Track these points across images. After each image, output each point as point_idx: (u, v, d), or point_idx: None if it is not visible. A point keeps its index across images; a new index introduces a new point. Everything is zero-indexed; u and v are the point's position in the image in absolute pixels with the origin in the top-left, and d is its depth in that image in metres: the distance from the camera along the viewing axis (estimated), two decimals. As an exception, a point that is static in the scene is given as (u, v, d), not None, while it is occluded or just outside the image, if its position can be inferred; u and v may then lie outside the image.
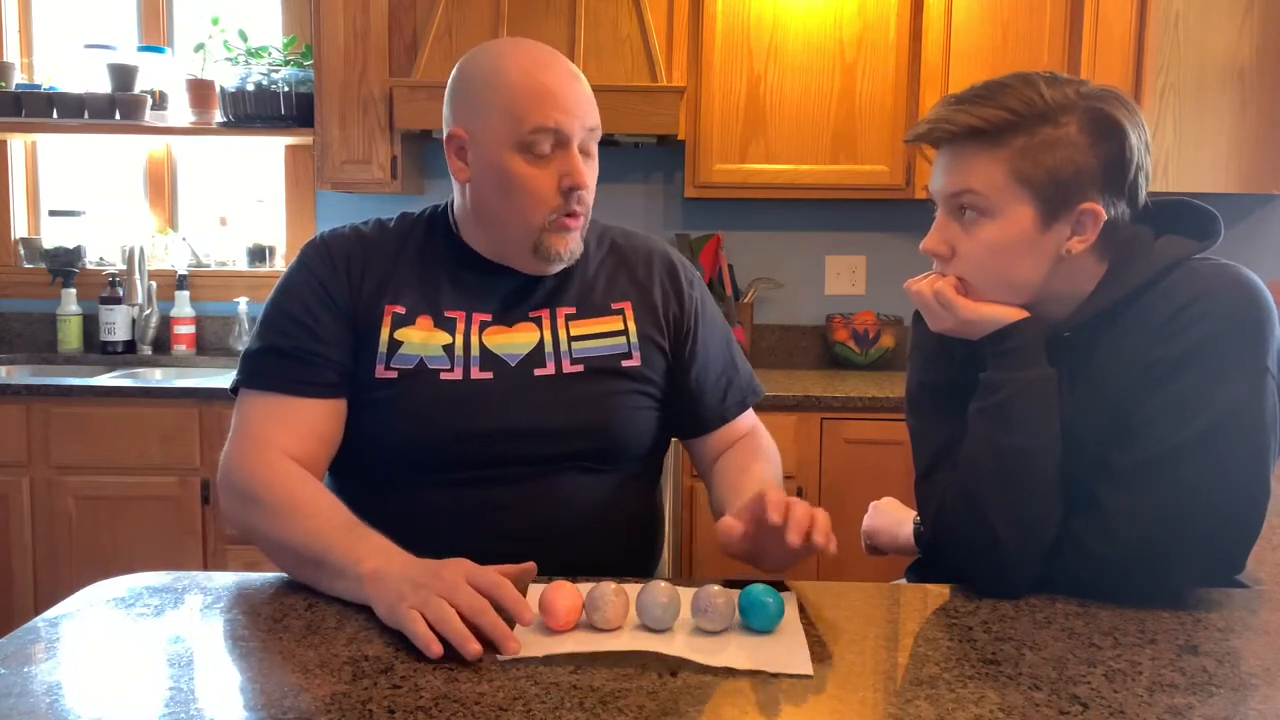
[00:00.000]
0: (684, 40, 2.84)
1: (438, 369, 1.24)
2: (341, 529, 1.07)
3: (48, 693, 0.83)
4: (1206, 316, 1.05)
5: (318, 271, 1.27)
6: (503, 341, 1.27)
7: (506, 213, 1.24)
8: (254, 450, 1.18)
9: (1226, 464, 1.03)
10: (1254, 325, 1.05)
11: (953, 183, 1.10)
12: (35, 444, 2.62)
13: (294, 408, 1.22)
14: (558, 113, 1.20)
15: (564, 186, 1.22)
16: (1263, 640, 0.99)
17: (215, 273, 3.28)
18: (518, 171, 1.21)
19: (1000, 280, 1.11)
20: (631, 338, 1.32)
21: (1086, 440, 1.10)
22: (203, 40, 3.07)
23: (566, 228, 1.24)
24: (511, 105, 1.20)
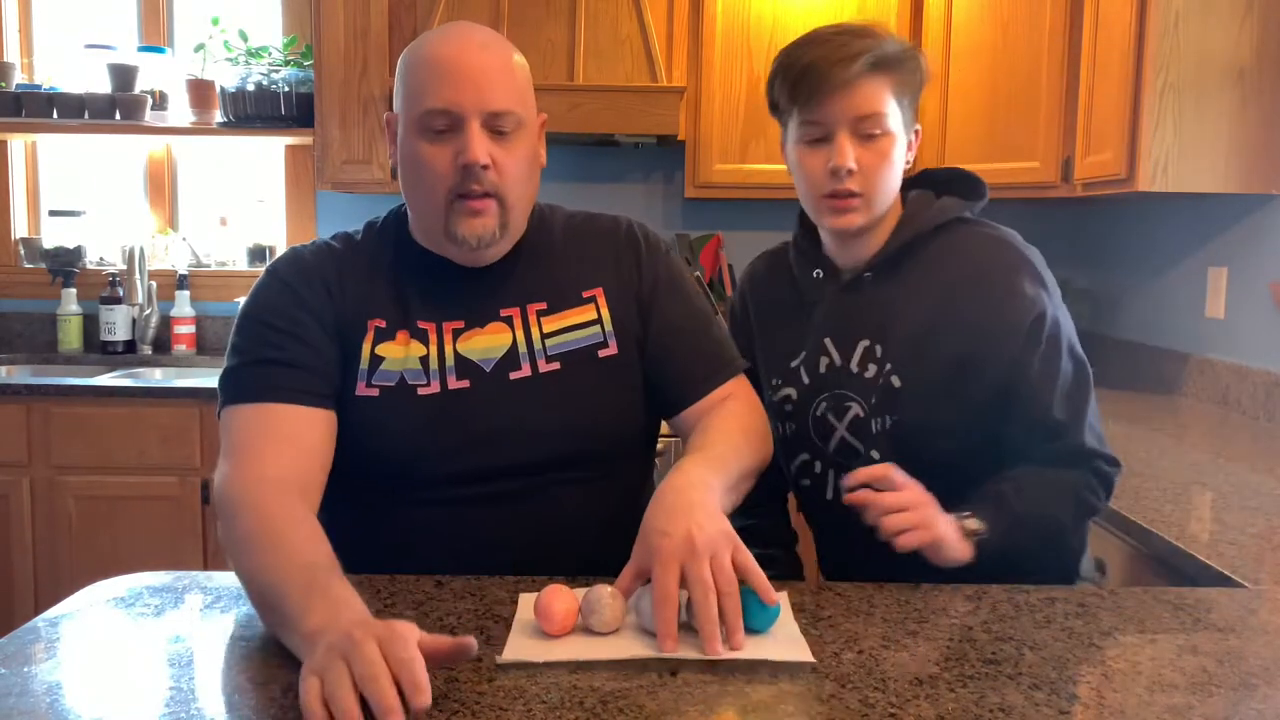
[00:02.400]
0: (684, 40, 2.84)
1: (415, 384, 1.19)
2: (304, 572, 0.93)
3: (48, 693, 0.83)
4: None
5: (294, 285, 1.21)
6: (476, 346, 1.22)
7: (417, 195, 1.20)
8: (246, 469, 1.09)
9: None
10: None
11: (862, 106, 1.27)
12: (35, 444, 2.62)
13: (286, 419, 1.14)
14: (448, 91, 1.14)
15: (459, 163, 1.14)
16: (1263, 640, 0.99)
17: (215, 273, 3.29)
18: (418, 150, 1.17)
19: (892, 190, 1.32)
20: (606, 325, 1.25)
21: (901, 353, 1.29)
22: (203, 40, 3.07)
23: (472, 210, 1.17)
24: (412, 85, 1.17)
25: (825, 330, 1.35)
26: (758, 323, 1.46)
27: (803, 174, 1.31)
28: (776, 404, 1.39)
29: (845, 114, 1.27)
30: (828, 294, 1.36)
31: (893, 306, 1.31)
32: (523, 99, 1.19)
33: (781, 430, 1.39)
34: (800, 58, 1.32)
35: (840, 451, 1.33)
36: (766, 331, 1.44)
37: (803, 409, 1.36)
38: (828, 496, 1.35)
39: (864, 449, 1.30)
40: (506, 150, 1.17)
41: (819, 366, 1.35)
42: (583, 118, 2.66)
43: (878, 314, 1.32)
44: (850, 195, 1.27)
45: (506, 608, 1.03)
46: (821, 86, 1.28)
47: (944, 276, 1.29)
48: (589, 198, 3.13)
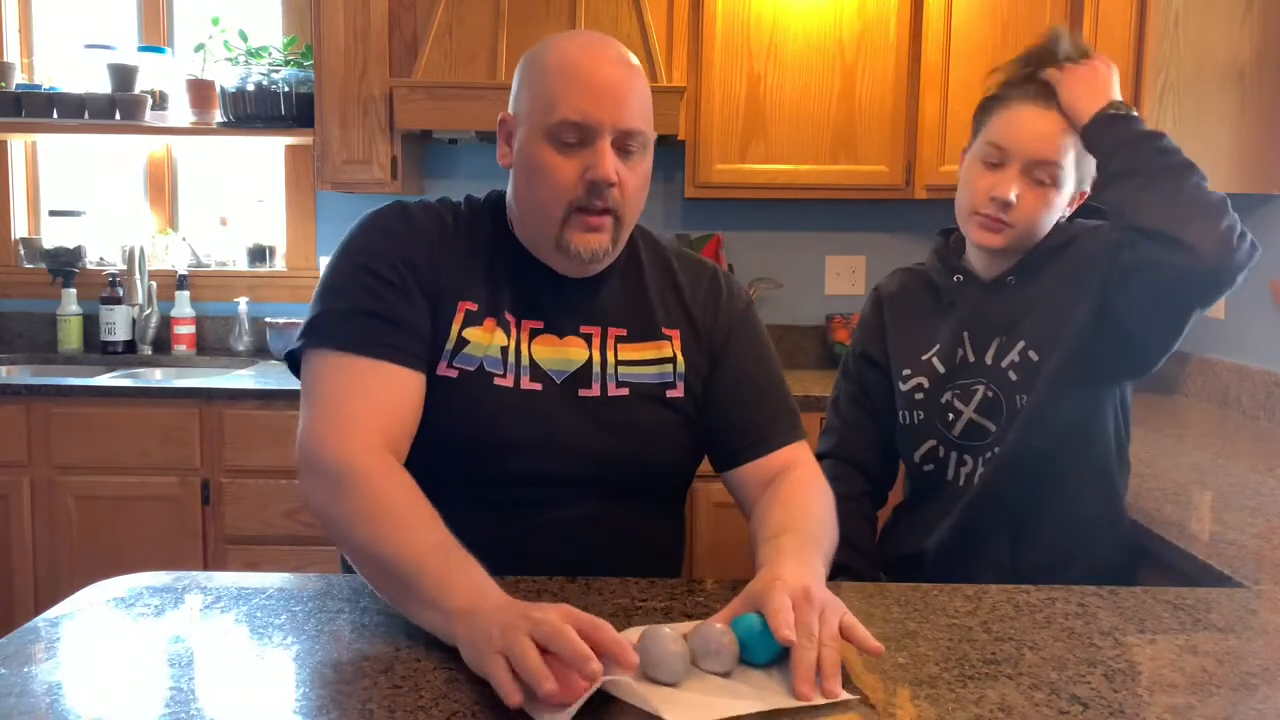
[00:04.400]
0: (684, 40, 2.84)
1: (493, 373, 1.19)
2: (438, 551, 0.95)
3: (48, 693, 0.83)
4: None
5: (403, 238, 1.19)
6: (551, 355, 1.21)
7: (532, 201, 1.19)
8: (345, 428, 1.07)
9: None
10: None
11: (1045, 152, 1.36)
12: (35, 444, 2.62)
13: (388, 379, 1.12)
14: (587, 105, 1.13)
15: (587, 178, 1.14)
16: (1263, 640, 0.99)
17: (215, 273, 3.29)
18: (544, 158, 1.15)
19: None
20: (679, 367, 1.25)
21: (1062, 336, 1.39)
22: (203, 40, 3.07)
23: (589, 226, 1.16)
24: (546, 91, 1.15)
25: (963, 325, 1.46)
26: (892, 323, 1.54)
27: (968, 187, 1.41)
28: (907, 393, 1.49)
29: (1025, 147, 1.36)
30: (967, 294, 1.46)
31: (1029, 303, 1.42)
32: (650, 120, 1.20)
33: (909, 419, 1.49)
34: (1008, 95, 1.41)
35: (966, 434, 1.44)
36: (900, 328, 1.53)
37: (932, 396, 1.46)
38: (948, 477, 1.46)
39: (994, 428, 1.42)
40: (631, 169, 1.17)
41: (954, 358, 1.45)
42: (583, 118, 2.66)
43: (1016, 313, 1.42)
44: (1001, 221, 1.37)
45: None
46: (1014, 100, 1.39)
47: (1079, 263, 1.40)
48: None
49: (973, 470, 1.43)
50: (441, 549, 0.95)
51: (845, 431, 1.58)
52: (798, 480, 1.22)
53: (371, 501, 1.01)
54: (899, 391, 1.49)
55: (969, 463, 1.43)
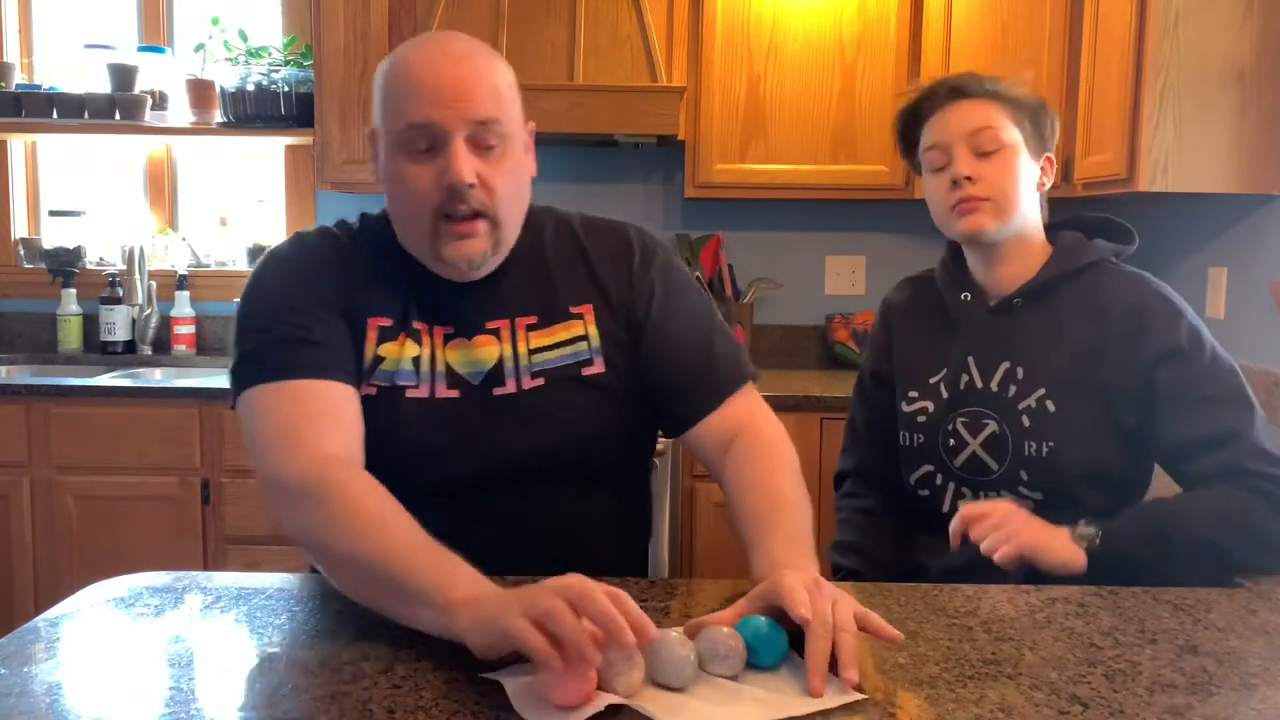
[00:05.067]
0: (684, 40, 2.84)
1: (405, 385, 1.16)
2: (427, 547, 0.94)
3: (48, 693, 0.83)
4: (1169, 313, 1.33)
5: (306, 270, 1.17)
6: (463, 359, 1.19)
7: (401, 215, 1.17)
8: (300, 447, 1.04)
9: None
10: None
11: (976, 121, 1.36)
12: (35, 444, 2.62)
13: (328, 396, 1.09)
14: (428, 106, 1.08)
15: (443, 184, 1.09)
16: (1263, 640, 0.99)
17: (215, 273, 3.28)
18: (400, 169, 1.11)
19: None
20: (593, 342, 1.21)
21: (1059, 373, 1.36)
22: (203, 40, 3.07)
23: (458, 234, 1.12)
24: (390, 100, 1.12)
25: (969, 350, 1.42)
26: (899, 340, 1.52)
27: (932, 195, 1.41)
28: (909, 415, 1.45)
29: (958, 131, 1.36)
30: (974, 316, 1.43)
31: (1041, 333, 1.38)
32: (508, 108, 1.14)
33: (909, 441, 1.45)
34: (911, 95, 1.44)
35: (968, 467, 1.40)
36: (908, 348, 1.50)
37: (935, 423, 1.42)
38: (944, 509, 1.42)
39: (998, 467, 1.37)
40: (493, 165, 1.11)
41: (959, 384, 1.42)
42: (583, 118, 2.66)
43: (1023, 339, 1.39)
44: (974, 199, 1.35)
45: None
46: (936, 109, 1.39)
47: (1098, 309, 1.36)
48: (589, 198, 3.13)
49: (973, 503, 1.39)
50: (430, 545, 0.94)
51: (865, 451, 1.55)
52: (760, 452, 1.18)
53: (346, 507, 0.99)
54: (901, 412, 1.46)
55: (967, 495, 1.39)
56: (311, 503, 1.00)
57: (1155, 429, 1.31)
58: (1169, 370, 1.30)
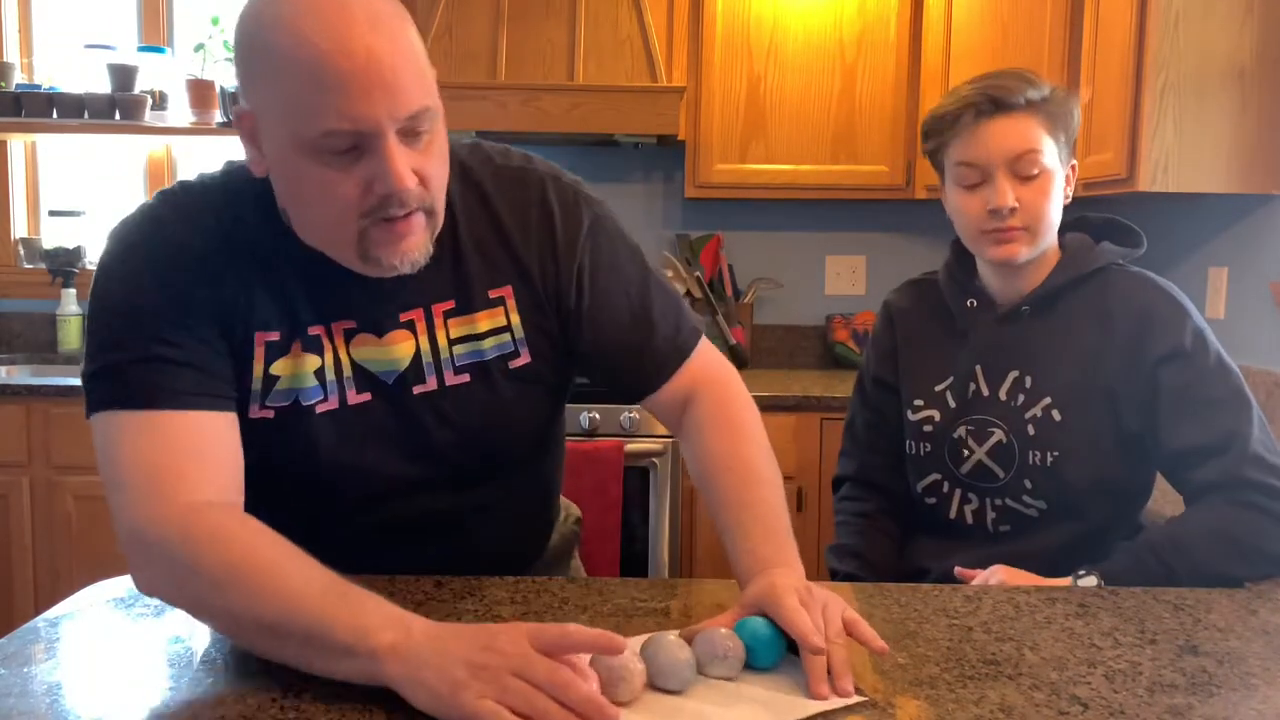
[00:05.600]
0: (684, 40, 2.84)
1: (313, 403, 1.02)
2: (330, 593, 0.83)
3: (48, 693, 0.83)
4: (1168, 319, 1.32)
5: (175, 268, 0.96)
6: (374, 356, 1.04)
7: (310, 221, 0.96)
8: (165, 492, 0.89)
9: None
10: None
11: (1019, 146, 1.31)
12: (35, 444, 2.62)
13: (200, 430, 0.93)
14: (355, 105, 0.87)
15: (377, 192, 0.91)
16: (1263, 640, 0.99)
17: (215, 273, 3.28)
18: (313, 175, 0.91)
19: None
20: (516, 332, 1.08)
21: (1066, 380, 1.35)
22: (203, 40, 3.07)
23: (397, 234, 0.93)
24: (294, 93, 0.88)
25: (976, 359, 1.41)
26: (904, 346, 1.50)
27: (963, 214, 1.36)
28: (916, 423, 1.44)
29: (1000, 154, 1.30)
30: (981, 324, 1.42)
31: (1049, 341, 1.37)
32: (432, 83, 0.94)
33: (915, 449, 1.45)
34: (951, 101, 1.35)
35: (974, 475, 1.39)
36: (914, 356, 1.48)
37: (943, 432, 1.41)
38: (950, 516, 1.41)
39: (1004, 475, 1.37)
40: (426, 154, 0.94)
41: (966, 393, 1.40)
42: (583, 118, 2.66)
43: (1031, 347, 1.38)
44: (1012, 229, 1.32)
45: (506, 608, 1.03)
46: (974, 122, 1.32)
47: (1106, 314, 1.35)
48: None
49: (979, 510, 1.39)
50: (335, 589, 0.83)
51: (864, 456, 1.54)
52: (722, 415, 1.11)
53: (231, 560, 0.85)
54: (908, 420, 1.45)
55: (974, 501, 1.39)
56: (189, 560, 0.86)
57: (1156, 431, 1.30)
58: (1172, 371, 1.29)
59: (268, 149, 0.94)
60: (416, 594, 1.06)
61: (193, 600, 0.88)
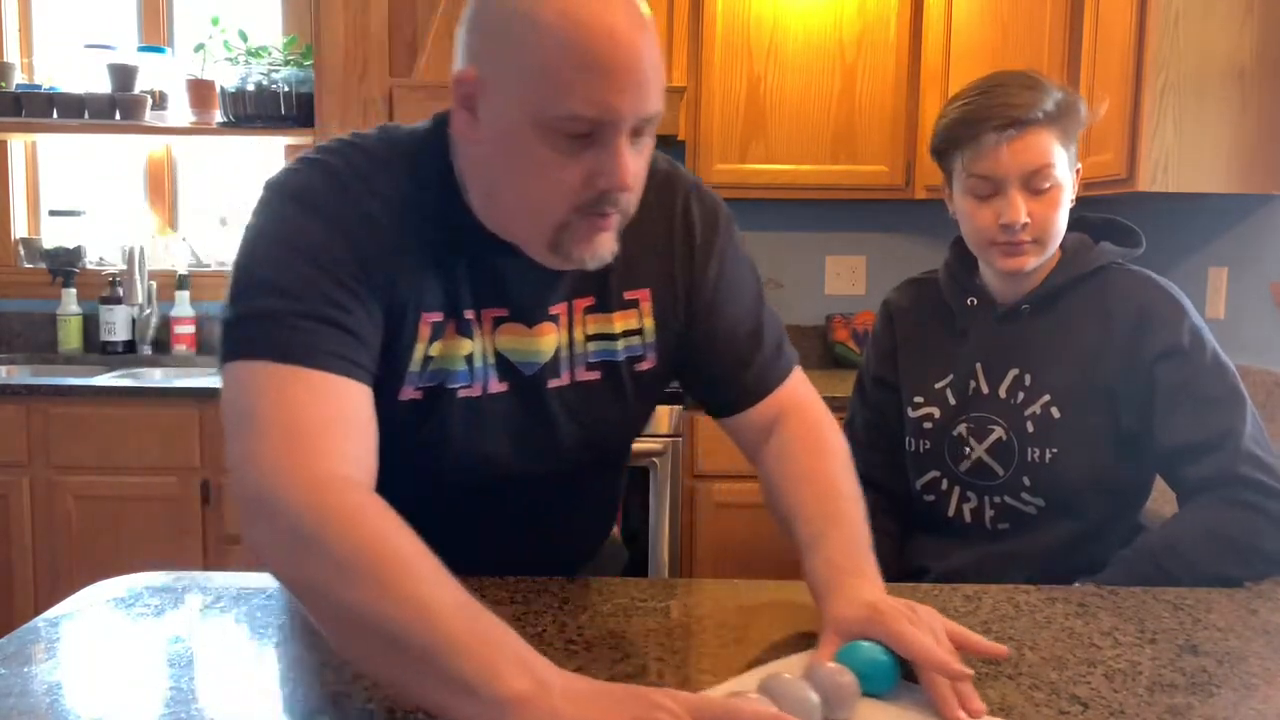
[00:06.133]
0: (684, 40, 2.84)
1: (457, 387, 1.00)
2: (462, 614, 0.73)
3: (48, 693, 0.83)
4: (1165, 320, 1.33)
5: (355, 230, 0.92)
6: (519, 346, 1.03)
7: (517, 202, 0.94)
8: (307, 460, 0.82)
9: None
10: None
11: (1035, 161, 1.30)
12: (35, 444, 2.62)
13: (351, 399, 0.88)
14: (607, 94, 0.86)
15: (598, 185, 0.90)
16: (1263, 640, 0.99)
17: (215, 273, 3.28)
18: (539, 155, 0.89)
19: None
20: (647, 336, 1.08)
21: (1064, 380, 1.36)
22: (203, 40, 3.07)
23: (597, 228, 0.93)
24: (546, 67, 0.86)
25: (977, 357, 1.41)
26: (903, 344, 1.50)
27: (972, 221, 1.35)
28: (916, 420, 1.45)
29: (1015, 170, 1.30)
30: (981, 322, 1.42)
31: (1048, 340, 1.37)
32: (664, 91, 0.94)
33: (915, 446, 1.45)
34: (966, 113, 1.33)
35: (973, 472, 1.39)
36: (913, 354, 1.49)
37: (942, 429, 1.42)
38: (949, 514, 1.42)
39: (1003, 472, 1.37)
40: (640, 157, 0.93)
41: (967, 389, 1.41)
42: (583, 118, 2.66)
43: (1031, 346, 1.38)
44: (1023, 243, 1.32)
45: (507, 608, 1.03)
46: (991, 136, 1.30)
47: (1105, 313, 1.35)
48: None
49: (978, 508, 1.39)
50: (468, 610, 0.74)
51: (864, 454, 1.49)
52: (808, 438, 1.10)
53: (363, 549, 0.76)
54: (908, 417, 1.45)
55: (973, 499, 1.39)
56: (319, 538, 0.77)
57: (1152, 428, 1.30)
58: (1169, 368, 1.30)
59: (488, 118, 0.91)
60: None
61: (306, 580, 0.79)
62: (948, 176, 1.40)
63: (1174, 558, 1.22)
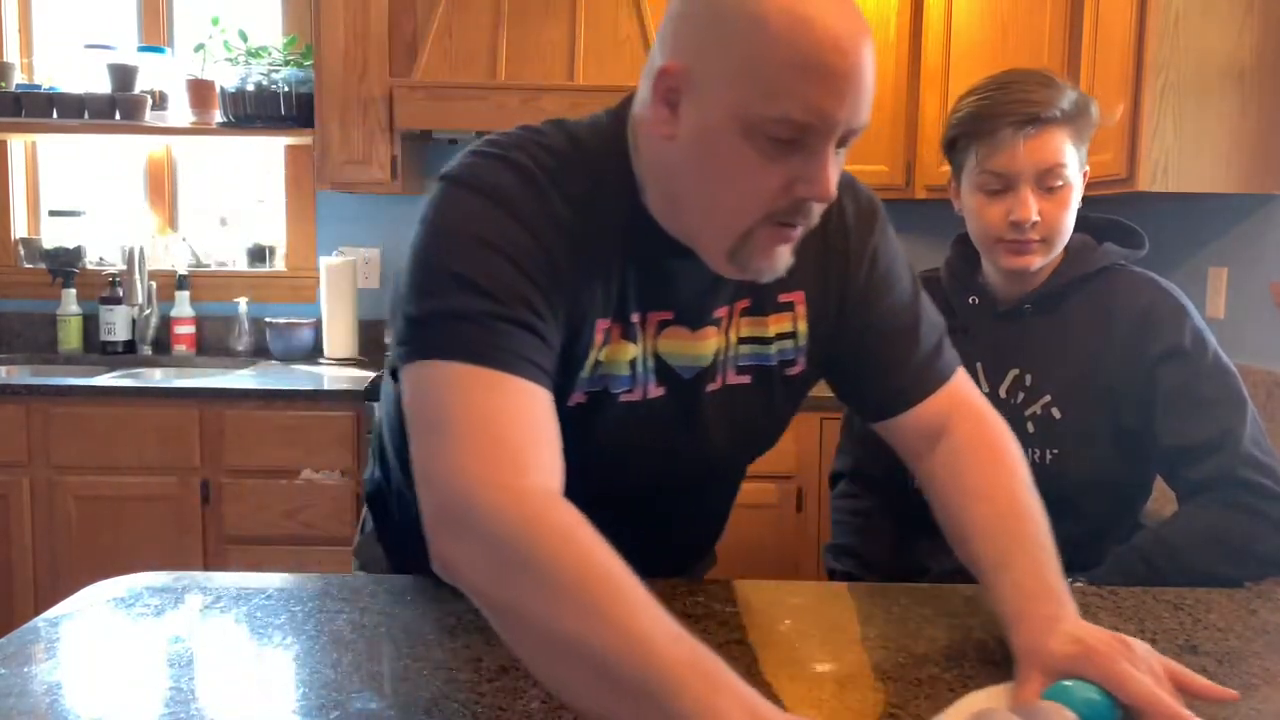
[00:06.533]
0: (684, 40, 2.84)
1: (619, 392, 0.97)
2: (681, 646, 0.68)
3: (48, 693, 0.83)
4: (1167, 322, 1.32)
5: (544, 229, 0.89)
6: (681, 350, 0.99)
7: (704, 200, 0.89)
8: (512, 471, 0.77)
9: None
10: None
11: (1049, 160, 1.29)
12: (35, 444, 2.62)
13: (542, 405, 0.84)
14: (825, 100, 0.82)
15: (796, 193, 0.86)
16: (1263, 640, 0.99)
17: (215, 273, 3.29)
18: (741, 157, 0.85)
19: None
20: (800, 340, 1.04)
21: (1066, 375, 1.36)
22: (203, 40, 3.07)
23: (781, 239, 0.90)
24: (761, 68, 0.82)
25: (978, 356, 1.40)
26: None
27: (980, 218, 1.35)
28: None
29: (1029, 168, 1.29)
30: (982, 321, 1.42)
31: (1050, 340, 1.37)
32: None
33: None
34: (982, 107, 1.32)
35: None
36: None
37: None
38: None
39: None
40: (838, 167, 0.89)
41: None
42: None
43: (1032, 346, 1.38)
44: (1031, 241, 1.32)
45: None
46: (1007, 132, 1.29)
47: (1107, 314, 1.35)
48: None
49: None
50: (686, 642, 0.68)
51: (861, 451, 1.54)
52: (983, 449, 1.03)
53: (573, 569, 0.71)
54: None
55: None
56: (527, 554, 0.72)
57: (1152, 428, 1.31)
58: (1170, 369, 1.30)
59: (690, 114, 0.87)
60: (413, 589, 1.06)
61: (511, 602, 0.73)
62: (956, 171, 1.39)
63: (1170, 557, 1.22)
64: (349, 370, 2.95)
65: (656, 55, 0.90)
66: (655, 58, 0.90)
